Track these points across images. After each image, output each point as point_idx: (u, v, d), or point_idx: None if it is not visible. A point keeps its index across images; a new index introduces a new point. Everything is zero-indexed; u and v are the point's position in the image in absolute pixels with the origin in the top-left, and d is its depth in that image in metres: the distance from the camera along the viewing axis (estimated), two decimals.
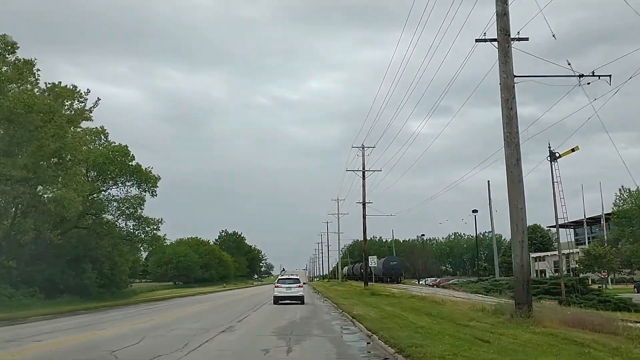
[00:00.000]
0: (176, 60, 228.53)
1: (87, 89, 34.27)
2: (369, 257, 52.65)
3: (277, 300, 30.12)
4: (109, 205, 39.37)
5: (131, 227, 40.37)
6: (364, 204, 48.19)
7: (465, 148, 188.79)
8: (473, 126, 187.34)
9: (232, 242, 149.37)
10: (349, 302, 29.03)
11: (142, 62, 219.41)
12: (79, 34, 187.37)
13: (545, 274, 68.95)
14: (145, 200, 39.93)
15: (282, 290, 30.22)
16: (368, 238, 59.01)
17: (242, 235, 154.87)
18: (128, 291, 47.61)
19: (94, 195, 37.83)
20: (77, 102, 33.85)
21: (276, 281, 32.72)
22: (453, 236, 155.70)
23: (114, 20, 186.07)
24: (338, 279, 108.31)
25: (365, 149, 47.95)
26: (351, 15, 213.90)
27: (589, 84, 16.88)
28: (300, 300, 30.30)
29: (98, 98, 35.03)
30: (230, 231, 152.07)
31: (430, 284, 70.03)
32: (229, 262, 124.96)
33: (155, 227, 40.37)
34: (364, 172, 48.10)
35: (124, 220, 40.08)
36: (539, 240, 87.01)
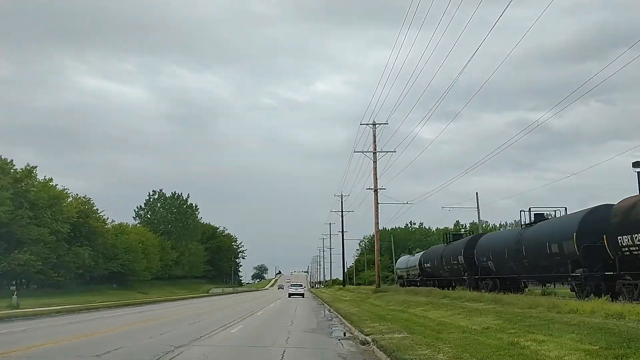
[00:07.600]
0: (183, 58, 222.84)
1: None
2: None
3: (290, 295, 53.87)
4: None
5: None
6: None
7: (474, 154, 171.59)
8: (482, 132, 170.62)
9: (173, 215, 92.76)
10: None
11: (149, 59, 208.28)
12: (86, 30, 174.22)
13: None
14: None
15: (292, 290, 55.76)
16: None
17: (191, 204, 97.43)
18: None
19: None
20: None
21: (290, 285, 63.56)
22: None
23: (121, 16, 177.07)
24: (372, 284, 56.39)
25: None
26: (363, 15, 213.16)
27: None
28: (302, 295, 54.17)
29: None
30: (168, 194, 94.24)
31: None
32: (150, 248, 72.89)
33: None
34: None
35: None
36: None
